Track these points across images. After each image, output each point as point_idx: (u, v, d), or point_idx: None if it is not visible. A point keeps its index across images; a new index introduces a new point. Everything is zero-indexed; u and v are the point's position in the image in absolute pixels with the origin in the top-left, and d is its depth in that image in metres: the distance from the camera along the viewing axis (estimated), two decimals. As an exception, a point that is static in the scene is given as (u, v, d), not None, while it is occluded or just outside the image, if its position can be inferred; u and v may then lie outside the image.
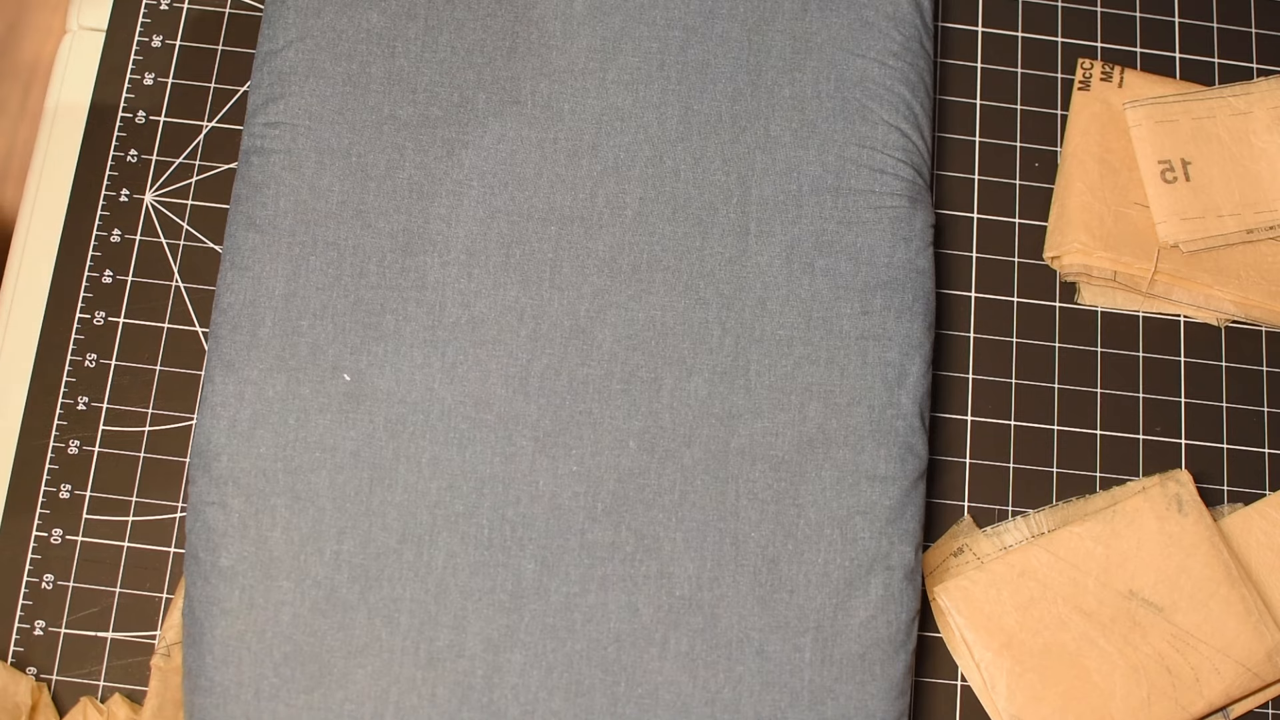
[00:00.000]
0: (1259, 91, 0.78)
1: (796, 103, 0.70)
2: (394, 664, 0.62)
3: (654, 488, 0.65)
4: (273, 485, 0.63)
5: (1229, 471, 0.74)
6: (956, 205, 0.77)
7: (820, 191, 0.69)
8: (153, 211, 0.73)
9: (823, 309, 0.68)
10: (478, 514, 0.64)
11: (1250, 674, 0.68)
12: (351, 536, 0.63)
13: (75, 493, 0.69)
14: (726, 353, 0.67)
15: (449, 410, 0.65)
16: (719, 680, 0.63)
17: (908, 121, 0.71)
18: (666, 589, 0.64)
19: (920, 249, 0.69)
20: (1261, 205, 0.76)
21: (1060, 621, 0.68)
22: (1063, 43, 0.80)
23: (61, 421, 0.70)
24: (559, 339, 0.66)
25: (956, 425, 0.73)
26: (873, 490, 0.65)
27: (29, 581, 0.68)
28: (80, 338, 0.71)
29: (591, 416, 0.66)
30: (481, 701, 0.62)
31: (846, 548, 0.65)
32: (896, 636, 0.64)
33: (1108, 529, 0.70)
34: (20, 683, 0.65)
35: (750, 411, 0.66)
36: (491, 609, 0.63)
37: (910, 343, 0.68)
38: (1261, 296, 0.75)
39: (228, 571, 0.62)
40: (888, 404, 0.66)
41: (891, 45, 0.72)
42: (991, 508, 0.72)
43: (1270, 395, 0.76)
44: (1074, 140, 0.77)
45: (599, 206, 0.68)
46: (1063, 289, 0.76)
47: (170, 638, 0.66)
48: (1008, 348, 0.75)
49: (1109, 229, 0.75)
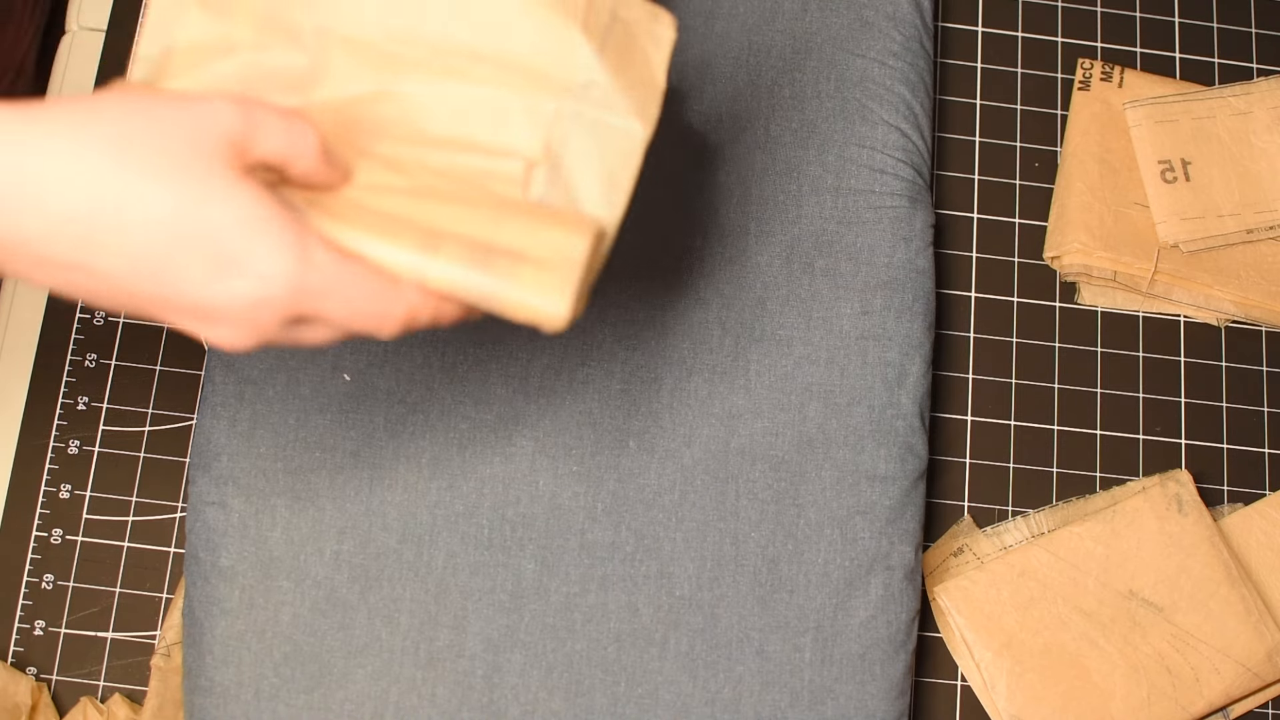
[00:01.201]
0: (1259, 91, 0.78)
1: (796, 103, 0.70)
2: (394, 664, 0.62)
3: (654, 488, 0.65)
4: (273, 485, 0.63)
5: (1229, 471, 0.74)
6: (956, 205, 0.77)
7: (820, 191, 0.69)
8: (153, 211, 0.73)
9: (823, 309, 0.68)
10: (478, 514, 0.64)
11: (1250, 674, 0.68)
12: (351, 536, 0.63)
13: (75, 493, 0.69)
14: (726, 353, 0.67)
15: (449, 410, 0.65)
16: (719, 680, 0.63)
17: (908, 121, 0.71)
18: (666, 589, 0.64)
19: (920, 249, 0.69)
20: (1261, 205, 0.76)
21: (1060, 621, 0.68)
22: (1063, 43, 0.80)
23: (61, 421, 0.70)
24: (559, 339, 0.66)
25: (956, 425, 0.73)
26: (873, 490, 0.65)
27: (29, 581, 0.68)
28: (80, 338, 0.71)
29: (591, 416, 0.66)
30: (481, 701, 0.62)
31: (846, 548, 0.65)
32: (896, 636, 0.64)
33: (1108, 529, 0.70)
34: (20, 683, 0.65)
35: (750, 411, 0.66)
36: (491, 609, 0.63)
37: (910, 343, 0.68)
38: (1261, 296, 0.75)
39: (228, 571, 0.62)
40: (888, 404, 0.66)
41: (891, 45, 0.72)
42: (991, 508, 0.72)
43: (1270, 395, 0.76)
44: (1074, 140, 0.77)
45: (599, 206, 0.68)
46: (1063, 289, 0.76)
47: (170, 638, 0.66)
48: (1008, 348, 0.75)
49: (1109, 229, 0.75)
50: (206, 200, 0.38)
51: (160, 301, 0.40)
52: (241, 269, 0.39)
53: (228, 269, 0.39)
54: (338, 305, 0.41)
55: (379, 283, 0.41)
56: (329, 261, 0.40)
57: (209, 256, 0.38)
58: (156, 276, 0.39)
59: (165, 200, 0.38)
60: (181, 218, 0.38)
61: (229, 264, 0.39)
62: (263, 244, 0.39)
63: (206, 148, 0.39)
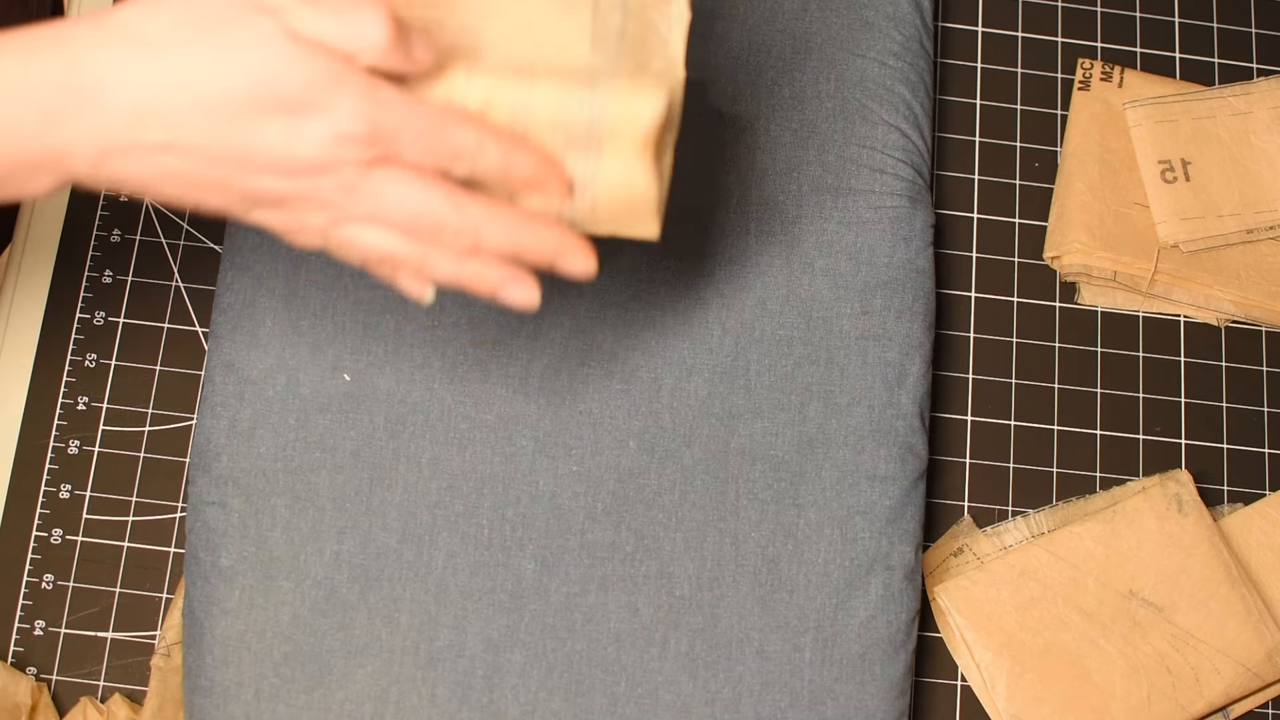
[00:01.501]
0: (1259, 91, 0.78)
1: (796, 103, 0.70)
2: (394, 664, 0.62)
3: (654, 488, 0.65)
4: (273, 485, 0.63)
5: (1229, 471, 0.74)
6: (956, 205, 0.77)
7: (820, 191, 0.69)
8: (153, 211, 0.73)
9: (823, 309, 0.68)
10: (478, 514, 0.64)
11: (1250, 674, 0.68)
12: (351, 536, 0.63)
13: (75, 493, 0.69)
14: (726, 353, 0.67)
15: (449, 410, 0.65)
16: (719, 680, 0.63)
17: (908, 121, 0.71)
18: (666, 589, 0.64)
19: (920, 249, 0.69)
20: (1261, 205, 0.76)
21: (1060, 621, 0.68)
22: (1063, 43, 0.80)
23: (61, 421, 0.70)
24: (559, 339, 0.66)
25: (956, 425, 0.73)
26: (873, 490, 0.65)
27: (29, 581, 0.68)
28: (80, 338, 0.71)
29: (591, 416, 0.66)
30: (481, 701, 0.62)
31: (846, 548, 0.65)
32: (896, 636, 0.64)
33: (1108, 529, 0.70)
34: (20, 683, 0.65)
35: (750, 411, 0.66)
36: (491, 609, 0.63)
37: (910, 343, 0.68)
38: (1261, 296, 0.75)
39: (228, 571, 0.62)
40: (888, 404, 0.66)
41: (891, 45, 0.72)
42: (991, 508, 0.72)
43: (1270, 395, 0.76)
44: (1074, 140, 0.77)
45: (599, 206, 0.68)
46: (1063, 289, 0.76)
47: (170, 638, 0.66)
48: (1008, 348, 0.75)
49: (1109, 229, 0.75)
50: (272, 63, 0.41)
51: (249, 164, 0.43)
52: (317, 111, 0.42)
53: (304, 115, 0.42)
54: (413, 139, 0.43)
55: (451, 114, 0.44)
56: (398, 98, 0.43)
57: (285, 109, 0.42)
58: (240, 140, 0.42)
59: (235, 71, 0.41)
60: (253, 84, 0.41)
61: (305, 109, 0.42)
62: (332, 88, 0.42)
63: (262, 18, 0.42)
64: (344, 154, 0.43)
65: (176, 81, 0.41)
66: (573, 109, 0.45)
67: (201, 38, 0.42)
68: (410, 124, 0.43)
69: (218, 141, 0.42)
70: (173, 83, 0.41)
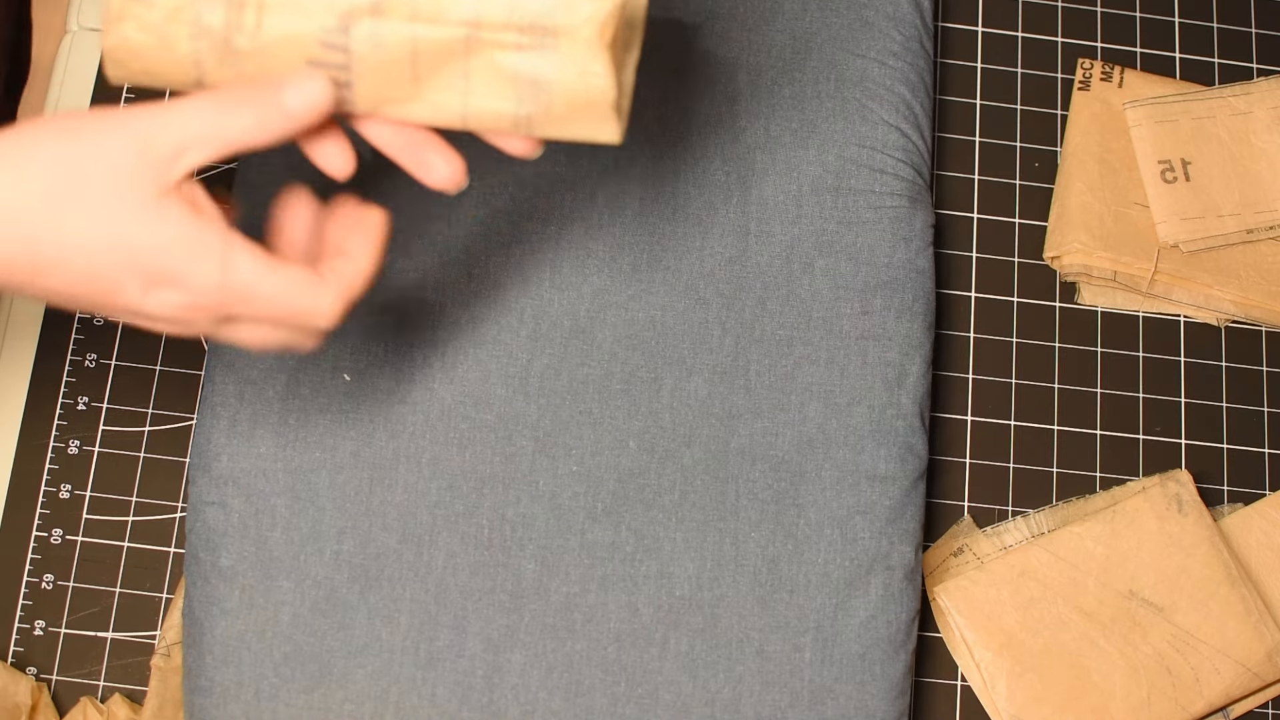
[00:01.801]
0: (1259, 91, 0.78)
1: (796, 103, 0.70)
2: (394, 664, 0.62)
3: (654, 488, 0.65)
4: (273, 485, 0.63)
5: (1229, 471, 0.74)
6: (956, 205, 0.77)
7: (820, 191, 0.69)
8: (153, 211, 0.73)
9: (823, 309, 0.68)
10: (478, 514, 0.64)
11: (1250, 674, 0.68)
12: (351, 536, 0.63)
13: (75, 493, 0.69)
14: (726, 353, 0.67)
15: (449, 410, 0.65)
16: (719, 680, 0.63)
17: (908, 121, 0.71)
18: (666, 589, 0.64)
19: (920, 249, 0.69)
20: (1261, 205, 0.76)
21: (1060, 621, 0.68)
22: (1063, 43, 0.80)
23: (61, 421, 0.70)
24: (559, 339, 0.66)
25: (956, 425, 0.73)
26: (873, 490, 0.65)
27: (29, 581, 0.68)
28: (80, 338, 0.71)
29: (591, 416, 0.66)
30: (481, 701, 0.62)
31: (846, 548, 0.65)
32: (896, 636, 0.64)
33: (1108, 529, 0.70)
34: (20, 683, 0.65)
35: (750, 411, 0.66)
36: (491, 609, 0.63)
37: (910, 343, 0.68)
38: (1261, 296, 0.75)
39: (228, 571, 0.62)
40: (888, 404, 0.66)
41: (891, 45, 0.71)
42: (991, 508, 0.72)
43: (1270, 395, 0.76)
44: (1074, 140, 0.77)
45: (599, 206, 0.68)
46: (1063, 289, 0.76)
47: (170, 638, 0.66)
48: (1008, 348, 0.75)
49: (1109, 229, 0.75)
50: (135, 225, 0.43)
51: (106, 309, 0.45)
52: (171, 282, 0.44)
53: (159, 283, 0.44)
54: (264, 305, 0.45)
55: (304, 278, 0.45)
56: (251, 267, 0.44)
57: (142, 274, 0.43)
58: (98, 293, 0.44)
59: (98, 231, 0.42)
60: (113, 246, 0.43)
61: (159, 279, 0.43)
62: (188, 260, 0.43)
63: (134, 172, 0.43)
64: (195, 315, 0.45)
65: (38, 236, 0.42)
66: (526, 4, 0.45)
67: (70, 190, 0.42)
68: (257, 295, 0.44)
69: (78, 291, 0.44)
70: (33, 238, 0.42)
